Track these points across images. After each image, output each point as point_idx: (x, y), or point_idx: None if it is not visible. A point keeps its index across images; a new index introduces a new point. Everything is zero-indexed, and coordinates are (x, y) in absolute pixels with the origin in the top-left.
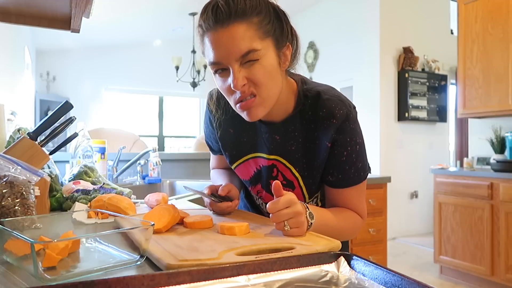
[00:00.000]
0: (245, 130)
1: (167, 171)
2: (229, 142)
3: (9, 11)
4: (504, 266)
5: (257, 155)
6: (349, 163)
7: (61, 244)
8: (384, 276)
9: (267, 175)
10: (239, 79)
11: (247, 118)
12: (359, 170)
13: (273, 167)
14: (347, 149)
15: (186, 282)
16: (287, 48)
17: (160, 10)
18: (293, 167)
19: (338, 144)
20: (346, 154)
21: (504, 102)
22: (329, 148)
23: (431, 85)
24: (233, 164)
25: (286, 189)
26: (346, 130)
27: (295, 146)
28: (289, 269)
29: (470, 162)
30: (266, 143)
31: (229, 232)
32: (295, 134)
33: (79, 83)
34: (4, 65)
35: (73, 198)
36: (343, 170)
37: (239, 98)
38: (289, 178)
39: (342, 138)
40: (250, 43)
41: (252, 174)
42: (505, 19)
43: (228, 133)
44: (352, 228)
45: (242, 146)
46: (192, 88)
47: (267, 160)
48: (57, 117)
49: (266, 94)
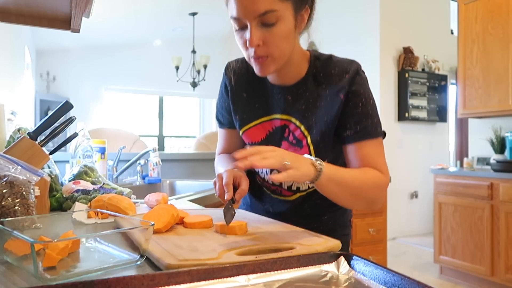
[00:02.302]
0: (258, 96)
1: (167, 171)
2: (241, 105)
3: (9, 11)
4: (504, 266)
5: (271, 117)
6: (365, 114)
7: (61, 244)
8: (384, 276)
9: (279, 136)
10: (254, 38)
11: (259, 72)
12: (375, 124)
13: (285, 127)
14: (361, 100)
15: (186, 282)
16: (305, 11)
17: (160, 10)
18: (303, 126)
19: (352, 96)
20: (361, 105)
21: (504, 102)
22: (342, 101)
23: (431, 85)
24: (244, 127)
25: (294, 148)
26: (358, 82)
27: (305, 105)
28: (289, 269)
29: (470, 162)
30: (278, 103)
31: (229, 231)
32: (307, 94)
33: (79, 83)
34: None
35: (73, 198)
36: (360, 121)
37: (252, 55)
38: (298, 137)
39: (355, 89)
40: (269, 4)
41: (264, 136)
42: (505, 19)
43: (242, 97)
44: (373, 184)
45: (254, 111)
46: (192, 88)
47: (280, 121)
48: (57, 117)
49: (279, 55)
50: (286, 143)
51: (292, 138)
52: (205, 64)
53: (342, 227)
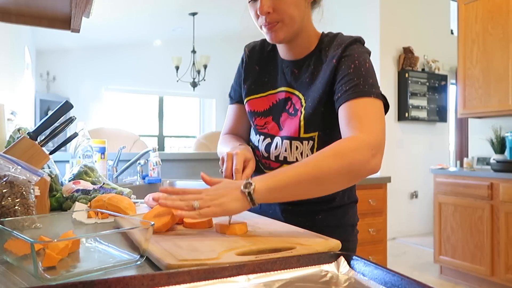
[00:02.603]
0: (269, 71)
1: (167, 171)
2: (252, 76)
3: (9, 11)
4: (504, 266)
5: (277, 90)
6: (357, 76)
7: (61, 244)
8: (384, 276)
9: (282, 107)
10: (264, 6)
11: (271, 39)
12: (370, 85)
13: (288, 100)
14: (354, 63)
15: (186, 282)
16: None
17: (160, 10)
18: (304, 97)
19: (345, 60)
20: (354, 67)
21: (504, 102)
22: (335, 66)
23: (431, 85)
24: (250, 96)
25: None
26: (354, 48)
27: (309, 78)
28: (289, 269)
29: (470, 162)
30: (286, 77)
31: (229, 231)
32: (311, 68)
33: (79, 83)
34: (4, 65)
35: (73, 198)
36: (351, 81)
37: (263, 23)
38: (297, 107)
39: (349, 54)
40: None
41: (267, 108)
42: (505, 19)
43: (254, 69)
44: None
45: (263, 84)
46: (192, 88)
47: (285, 93)
48: (57, 117)
49: (289, 21)
50: (285, 114)
51: (292, 109)
52: (205, 64)
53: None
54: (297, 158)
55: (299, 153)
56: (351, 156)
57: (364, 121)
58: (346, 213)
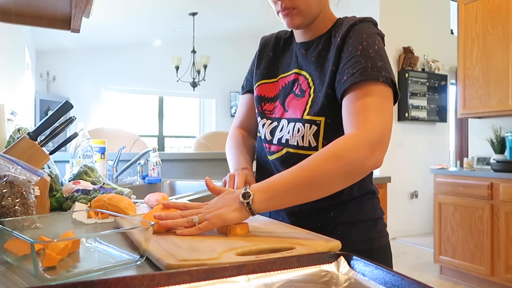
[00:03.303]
0: (283, 56)
1: (167, 171)
2: (265, 62)
3: (9, 11)
4: (504, 266)
5: (288, 73)
6: (365, 57)
7: (61, 244)
8: (384, 276)
9: (289, 89)
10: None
11: (287, 24)
12: (378, 67)
13: (295, 81)
14: (362, 44)
15: (186, 282)
16: None
17: (160, 10)
18: (310, 77)
19: (351, 40)
20: (361, 48)
21: (504, 102)
22: (340, 44)
23: (431, 85)
24: (261, 80)
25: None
26: (362, 27)
27: (316, 57)
28: (289, 269)
29: (470, 162)
30: (297, 59)
31: (231, 232)
32: (320, 47)
33: (79, 83)
34: (4, 65)
35: (73, 198)
36: (358, 64)
37: (279, 10)
38: (303, 87)
39: (357, 34)
40: None
41: (277, 92)
42: (505, 19)
43: (268, 55)
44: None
45: (276, 69)
46: (192, 88)
47: (294, 75)
48: (57, 117)
49: (305, 7)
50: (291, 95)
51: (298, 90)
52: (205, 64)
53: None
54: (297, 141)
55: (300, 136)
56: (348, 156)
57: (364, 114)
58: (362, 207)
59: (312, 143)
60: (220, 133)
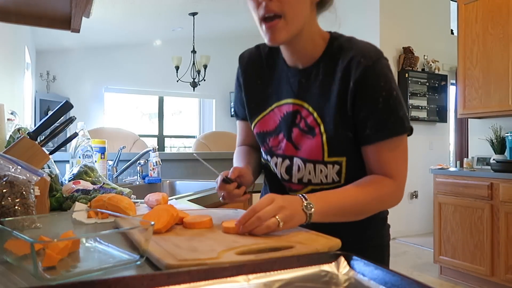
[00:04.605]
0: (272, 80)
1: (167, 171)
2: (256, 94)
3: (9, 11)
4: (504, 266)
5: (282, 102)
6: (387, 111)
7: (61, 244)
8: (384, 276)
9: (291, 121)
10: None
11: (270, 40)
12: (399, 120)
13: (296, 113)
14: (382, 95)
15: (186, 282)
16: None
17: (160, 10)
18: (315, 112)
19: (369, 89)
20: (382, 100)
21: (504, 102)
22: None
23: (431, 85)
24: (256, 117)
25: (306, 136)
26: (378, 72)
27: (319, 89)
28: (289, 269)
29: (470, 162)
30: (292, 87)
31: (234, 231)
32: (321, 78)
33: (79, 83)
34: (4, 65)
35: (73, 198)
36: (381, 119)
37: (264, 13)
38: (310, 124)
39: (373, 81)
40: None
41: (278, 123)
42: (505, 19)
43: (256, 86)
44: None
45: (267, 99)
46: (192, 88)
47: (292, 105)
48: (57, 117)
49: (291, 17)
50: (297, 130)
51: (303, 125)
52: (205, 64)
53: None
54: (321, 180)
55: (324, 175)
56: (390, 202)
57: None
58: None
59: (335, 179)
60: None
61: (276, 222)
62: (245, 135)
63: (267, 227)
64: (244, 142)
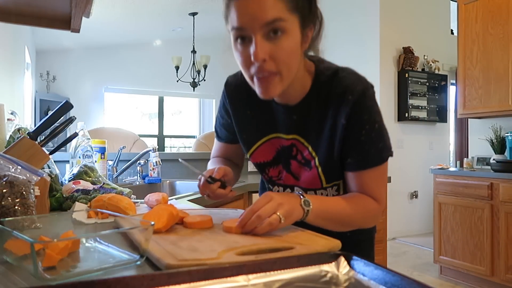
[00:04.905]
0: (264, 112)
1: (167, 171)
2: (247, 125)
3: (9, 11)
4: (504, 266)
5: (277, 135)
6: (368, 142)
7: (61, 244)
8: (384, 276)
9: (287, 154)
10: (260, 51)
11: (262, 95)
12: (379, 150)
13: (292, 146)
14: (365, 128)
15: (186, 282)
16: (310, 30)
17: (160, 10)
18: (310, 146)
19: (355, 123)
20: (365, 132)
21: (504, 102)
22: (345, 126)
23: (431, 85)
24: (251, 148)
25: (304, 168)
26: (363, 107)
27: (312, 125)
28: (289, 269)
29: (470, 162)
30: (284, 123)
31: (236, 230)
32: (312, 113)
33: (79, 83)
34: (4, 65)
35: (73, 198)
36: (363, 150)
37: (257, 72)
38: (306, 157)
39: (359, 116)
40: (277, 12)
41: (274, 154)
42: (505, 19)
43: (246, 116)
44: (363, 213)
45: (261, 128)
46: (192, 88)
47: (286, 140)
48: (57, 117)
49: (286, 73)
50: (295, 162)
51: (300, 157)
52: (205, 64)
53: None
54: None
55: (325, 195)
56: (371, 221)
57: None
58: None
59: (334, 194)
60: None
61: (277, 219)
62: (223, 153)
63: (269, 224)
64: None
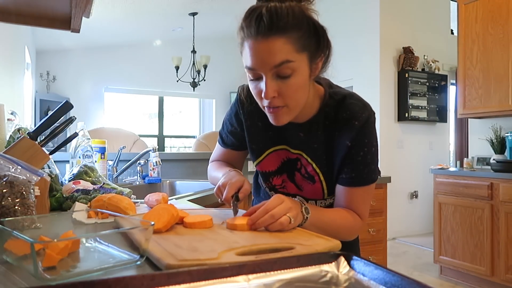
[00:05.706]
0: (271, 126)
1: (167, 171)
2: (256, 134)
3: (9, 11)
4: (504, 266)
5: (284, 147)
6: (363, 163)
7: (61, 244)
8: (384, 276)
9: (292, 167)
10: (269, 91)
11: (273, 122)
12: (371, 171)
13: (297, 160)
14: (363, 149)
15: (186, 282)
16: (320, 60)
17: (160, 10)
18: (314, 163)
19: (356, 144)
20: (362, 154)
21: (504, 102)
22: (348, 147)
23: (431, 85)
24: (259, 157)
25: (307, 181)
26: (365, 132)
27: (317, 144)
28: (289, 269)
29: (470, 162)
30: (290, 139)
31: (240, 228)
32: (318, 133)
33: (79, 83)
34: (4, 65)
35: (73, 198)
36: (357, 168)
37: (268, 105)
38: (310, 172)
39: (361, 138)
40: (285, 55)
41: (279, 164)
42: (505, 19)
43: (257, 126)
44: (348, 228)
45: (269, 139)
46: (192, 88)
47: (292, 154)
48: (57, 117)
49: (294, 106)
50: (299, 174)
51: (304, 171)
52: (205, 64)
53: None
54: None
55: (324, 204)
56: (353, 234)
57: (361, 208)
58: None
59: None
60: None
61: (288, 220)
62: (226, 159)
63: (280, 223)
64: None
